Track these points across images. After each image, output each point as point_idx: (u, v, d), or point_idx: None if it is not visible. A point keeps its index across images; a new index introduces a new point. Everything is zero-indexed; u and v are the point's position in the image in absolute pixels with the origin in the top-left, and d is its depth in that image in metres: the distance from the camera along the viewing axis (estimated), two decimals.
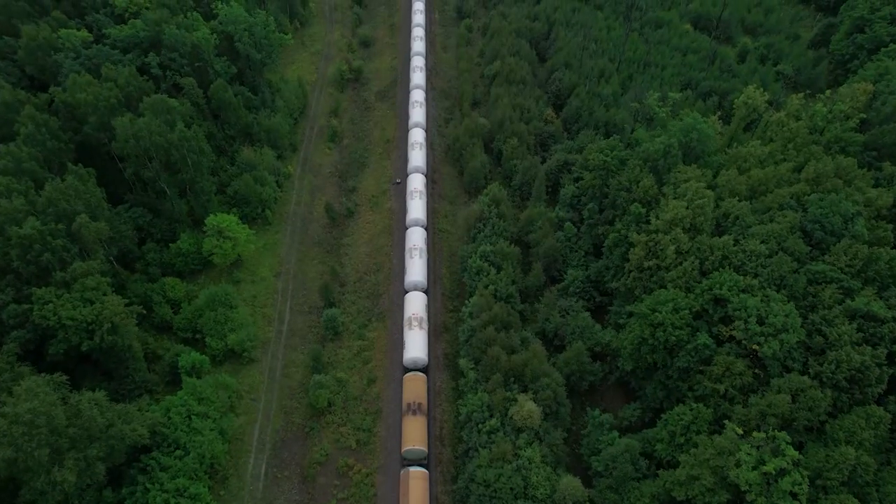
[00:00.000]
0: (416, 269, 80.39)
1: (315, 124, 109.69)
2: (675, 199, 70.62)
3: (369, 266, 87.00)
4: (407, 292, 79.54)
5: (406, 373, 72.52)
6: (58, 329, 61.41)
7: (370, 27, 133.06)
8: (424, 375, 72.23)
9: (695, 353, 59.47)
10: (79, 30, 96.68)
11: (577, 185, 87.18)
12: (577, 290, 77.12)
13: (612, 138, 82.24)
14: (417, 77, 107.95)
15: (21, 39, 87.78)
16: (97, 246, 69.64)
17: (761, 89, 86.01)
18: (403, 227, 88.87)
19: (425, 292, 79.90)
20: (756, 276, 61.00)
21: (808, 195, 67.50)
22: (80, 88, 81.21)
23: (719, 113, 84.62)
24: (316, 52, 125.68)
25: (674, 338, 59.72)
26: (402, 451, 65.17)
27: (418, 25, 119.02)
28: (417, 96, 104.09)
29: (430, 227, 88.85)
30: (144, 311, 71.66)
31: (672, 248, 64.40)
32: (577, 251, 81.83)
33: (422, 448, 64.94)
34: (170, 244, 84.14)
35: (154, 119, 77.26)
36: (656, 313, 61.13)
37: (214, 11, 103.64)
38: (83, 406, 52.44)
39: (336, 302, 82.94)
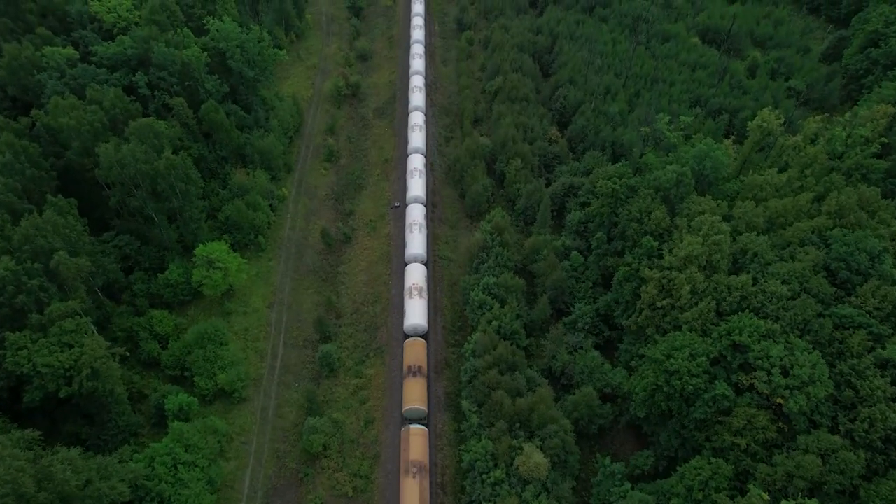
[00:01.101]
0: (416, 242, 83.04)
1: (311, 143, 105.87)
2: (688, 231, 66.90)
3: (367, 296, 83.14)
4: (407, 264, 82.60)
5: (406, 339, 75.26)
6: (33, 376, 57.64)
7: (368, 40, 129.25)
8: (424, 341, 74.61)
9: (713, 403, 55.72)
10: (64, 47, 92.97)
11: (583, 211, 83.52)
12: (586, 326, 73.32)
13: (620, 164, 78.46)
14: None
15: (2, 59, 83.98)
16: (78, 283, 65.77)
17: (776, 111, 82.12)
18: (402, 254, 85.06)
19: (424, 264, 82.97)
20: (777, 319, 57.24)
21: (831, 229, 63.81)
22: (62, 112, 77.46)
23: (732, 137, 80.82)
24: (312, 65, 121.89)
25: (690, 387, 55.94)
26: (403, 410, 68.66)
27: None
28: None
29: (431, 263, 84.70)
30: (128, 353, 67.91)
31: (687, 287, 60.65)
32: (584, 282, 78.05)
33: (422, 407, 67.92)
34: (158, 274, 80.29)
35: (140, 145, 73.42)
36: (671, 359, 57.36)
37: (206, 27, 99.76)
38: (55, 468, 48.58)
39: (332, 335, 79.08)
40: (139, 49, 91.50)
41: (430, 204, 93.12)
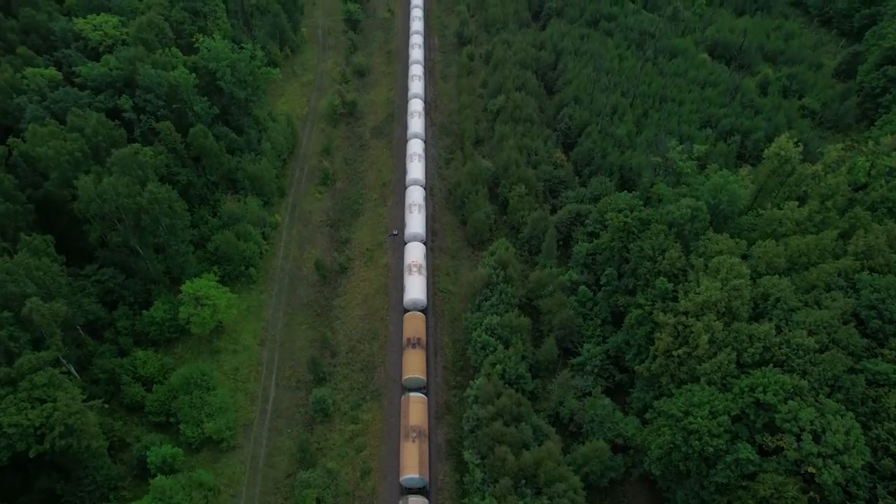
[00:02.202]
0: (415, 222, 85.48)
1: (306, 165, 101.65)
2: (704, 271, 62.74)
3: (363, 333, 78.92)
4: (406, 243, 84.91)
5: (406, 313, 77.57)
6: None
7: (365, 54, 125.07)
8: (423, 315, 76.95)
9: (735, 466, 51.58)
10: (46, 67, 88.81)
11: (591, 242, 79.38)
12: (595, 369, 69.12)
13: (631, 195, 74.27)
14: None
15: None
16: (53, 328, 61.48)
17: (793, 138, 77.91)
18: (400, 287, 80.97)
19: (423, 243, 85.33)
20: (804, 374, 53.09)
21: (859, 272, 59.69)
22: (40, 140, 73.24)
23: (748, 168, 76.73)
24: (307, 82, 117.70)
25: (711, 448, 51.80)
26: (403, 379, 70.85)
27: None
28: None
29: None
30: (106, 405, 63.66)
31: (705, 337, 56.49)
32: (592, 319, 73.89)
33: (421, 377, 70.17)
34: (143, 311, 76.02)
35: (122, 177, 69.16)
36: (690, 417, 53.23)
37: (196, 45, 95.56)
38: None
39: (326, 375, 74.88)
40: (125, 70, 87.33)
41: (431, 233, 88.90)
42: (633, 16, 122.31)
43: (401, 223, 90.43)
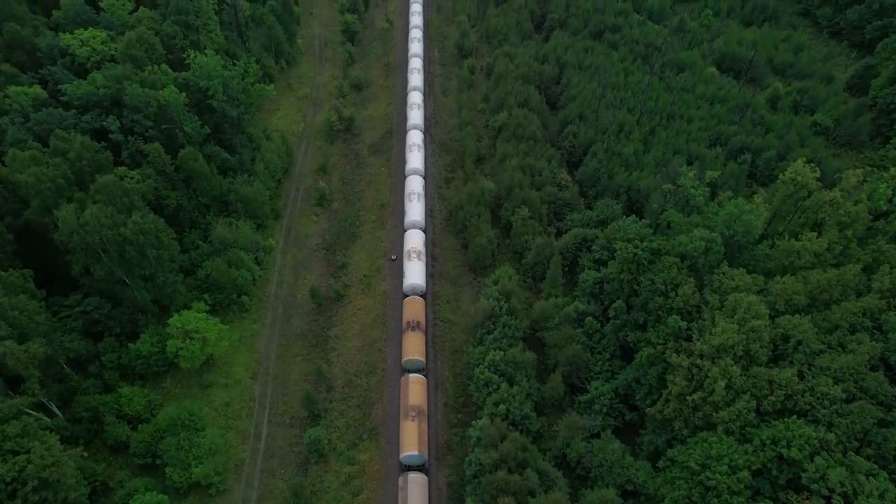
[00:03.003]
0: (414, 210, 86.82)
1: (301, 184, 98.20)
2: (720, 311, 59.33)
3: (360, 365, 75.46)
4: (406, 230, 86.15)
5: (405, 297, 78.80)
6: None
7: (363, 67, 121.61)
8: (422, 299, 78.07)
9: None
10: (31, 86, 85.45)
11: (599, 271, 76.01)
12: (604, 408, 65.66)
13: (640, 223, 70.79)
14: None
15: None
16: (31, 370, 58.09)
17: (809, 161, 74.61)
18: (398, 318, 77.60)
19: (423, 230, 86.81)
20: (831, 426, 49.69)
21: (885, 311, 56.32)
22: (21, 165, 69.90)
23: (763, 196, 73.32)
24: (303, 96, 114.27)
25: None
26: (403, 361, 72.06)
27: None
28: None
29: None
30: (85, 454, 60.19)
31: (722, 383, 53.08)
32: (600, 353, 70.41)
33: (420, 358, 71.33)
34: (129, 344, 72.57)
35: (105, 207, 65.69)
36: (707, 471, 49.82)
37: (186, 62, 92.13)
38: None
39: (321, 412, 71.41)
40: (112, 89, 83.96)
41: (430, 256, 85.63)
42: (639, 27, 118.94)
43: (399, 241, 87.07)
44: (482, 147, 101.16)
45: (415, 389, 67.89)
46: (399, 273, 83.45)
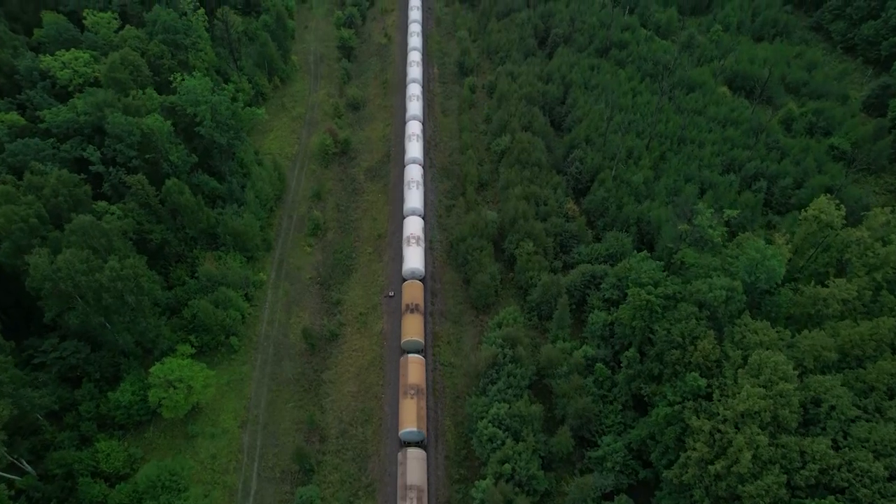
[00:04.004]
0: (413, 197, 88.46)
1: (294, 212, 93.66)
2: (743, 368, 54.87)
3: (355, 413, 70.98)
4: (405, 217, 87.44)
5: (405, 281, 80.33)
6: None
7: (360, 84, 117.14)
8: (421, 283, 79.67)
9: None
10: (7, 112, 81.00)
11: (609, 312, 71.67)
12: (616, 466, 61.19)
13: (654, 265, 66.16)
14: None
15: None
16: None
17: (831, 195, 70.23)
18: (396, 360, 73.14)
19: (422, 217, 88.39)
20: None
21: None
22: None
23: (786, 236, 68.83)
24: (297, 116, 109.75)
25: None
26: (402, 342, 73.42)
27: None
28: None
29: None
30: None
31: (748, 453, 48.65)
32: (612, 403, 66.01)
33: (419, 339, 72.83)
34: (108, 393, 67.95)
35: (80, 251, 61.11)
36: None
37: (173, 85, 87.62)
38: None
39: (314, 466, 66.87)
40: (93, 116, 79.44)
41: (430, 292, 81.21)
42: (646, 43, 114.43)
43: (397, 277, 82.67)
44: (484, 172, 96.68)
45: (413, 369, 69.68)
46: (397, 311, 79.04)
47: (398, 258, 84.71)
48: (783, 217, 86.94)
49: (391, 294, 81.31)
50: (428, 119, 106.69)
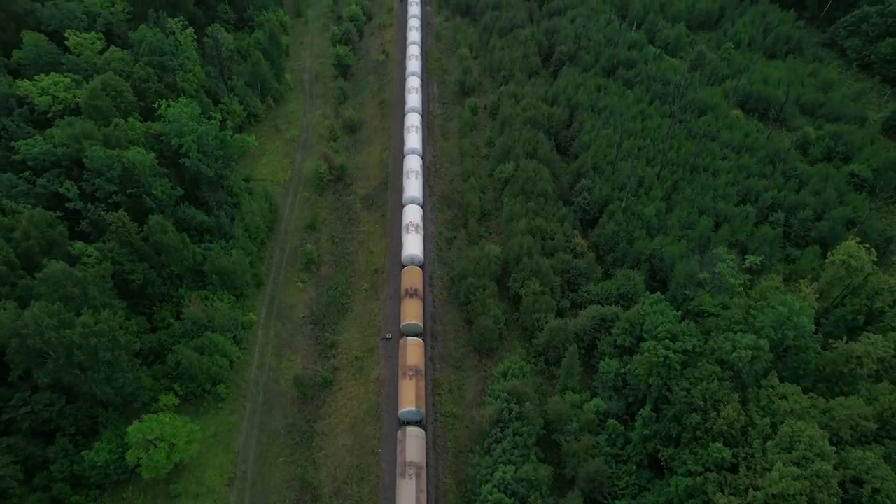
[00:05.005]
0: (412, 186, 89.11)
1: (286, 244, 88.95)
2: (771, 438, 50.24)
3: (351, 470, 66.23)
4: (405, 206, 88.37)
5: (403, 267, 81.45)
6: None
7: (357, 104, 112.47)
8: (420, 269, 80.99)
9: None
10: None
11: (620, 357, 67.12)
12: None
13: (672, 315, 61.47)
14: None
15: None
16: None
17: (865, 245, 65.28)
18: (394, 413, 68.51)
19: (420, 205, 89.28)
20: None
21: None
22: None
23: (814, 285, 64.19)
24: (291, 139, 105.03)
25: None
26: (401, 325, 75.15)
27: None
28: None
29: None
30: None
31: None
32: (626, 462, 61.33)
33: (417, 323, 74.54)
34: (83, 452, 63.12)
35: (50, 305, 56.38)
36: None
37: (158, 112, 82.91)
38: None
39: None
40: (71, 148, 74.80)
41: (430, 334, 76.54)
42: (655, 62, 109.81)
43: (395, 316, 78.02)
44: (486, 201, 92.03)
45: (412, 351, 71.40)
46: (395, 357, 74.34)
47: (395, 297, 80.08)
48: (802, 251, 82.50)
49: (389, 336, 76.63)
50: (428, 142, 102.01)
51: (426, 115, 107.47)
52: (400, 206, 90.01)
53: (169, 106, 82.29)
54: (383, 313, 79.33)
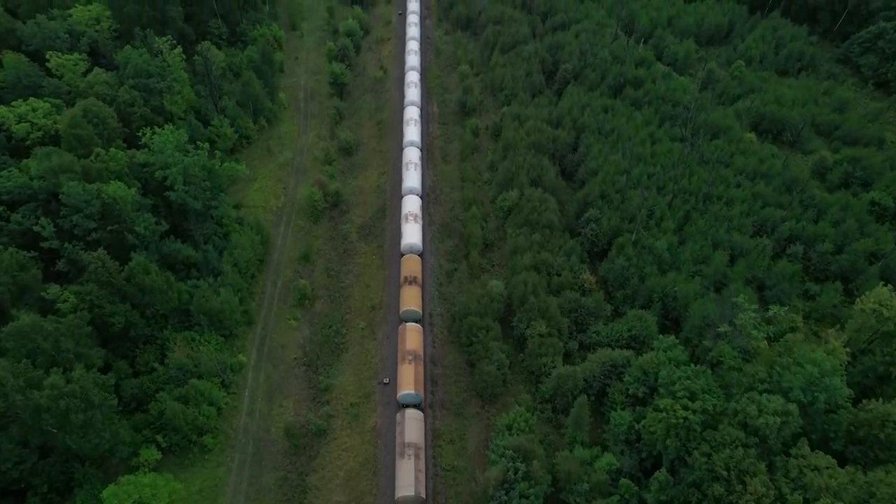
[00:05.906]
0: (412, 177, 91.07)
1: (279, 278, 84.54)
2: None
3: None
4: (403, 196, 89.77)
5: (403, 256, 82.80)
6: None
7: (353, 125, 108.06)
8: (419, 258, 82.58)
9: None
10: None
11: (633, 408, 62.89)
12: None
13: (690, 371, 57.12)
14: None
15: None
16: None
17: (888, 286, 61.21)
18: (392, 471, 64.12)
19: (420, 196, 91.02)
20: None
21: None
22: None
23: (842, 337, 59.88)
24: (285, 162, 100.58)
25: None
26: (400, 312, 76.26)
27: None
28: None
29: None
30: None
31: None
32: None
33: (416, 309, 75.79)
34: None
35: (16, 364, 51.97)
36: None
37: (142, 141, 78.56)
38: None
39: None
40: (48, 181, 70.44)
41: (430, 379, 72.20)
42: (664, 81, 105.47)
43: (392, 363, 73.69)
44: (489, 231, 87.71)
45: (411, 336, 72.42)
46: (392, 401, 70.08)
47: (392, 334, 75.80)
48: (822, 286, 78.32)
49: (386, 381, 72.29)
50: (427, 167, 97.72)
51: (426, 137, 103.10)
52: (398, 237, 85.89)
53: (154, 134, 77.90)
54: (380, 354, 75.00)
